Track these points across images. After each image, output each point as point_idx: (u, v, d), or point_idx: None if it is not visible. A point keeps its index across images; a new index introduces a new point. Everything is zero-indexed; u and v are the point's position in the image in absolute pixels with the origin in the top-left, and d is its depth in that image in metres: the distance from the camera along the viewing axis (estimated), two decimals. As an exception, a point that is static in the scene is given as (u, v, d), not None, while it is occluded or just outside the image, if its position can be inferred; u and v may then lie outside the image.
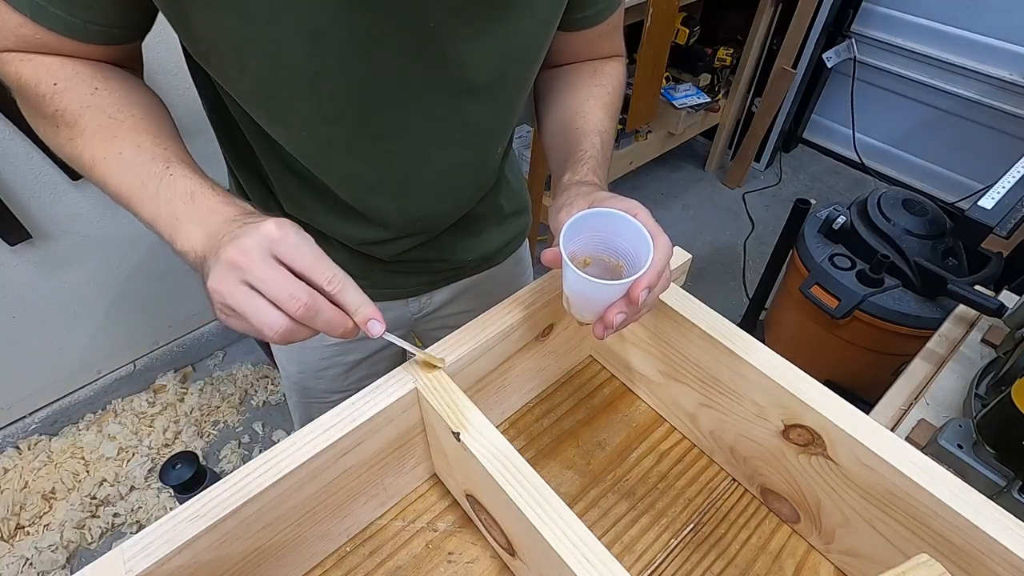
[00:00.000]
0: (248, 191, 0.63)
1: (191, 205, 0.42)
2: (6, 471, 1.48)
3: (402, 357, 0.86)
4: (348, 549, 0.55)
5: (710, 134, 2.52)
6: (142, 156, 0.44)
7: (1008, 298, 0.97)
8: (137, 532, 0.43)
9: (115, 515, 1.42)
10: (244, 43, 0.42)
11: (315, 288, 0.38)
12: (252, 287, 0.36)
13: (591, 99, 0.61)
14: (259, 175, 0.61)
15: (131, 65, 0.51)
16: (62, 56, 0.45)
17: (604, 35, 0.62)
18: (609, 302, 0.44)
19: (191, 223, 0.41)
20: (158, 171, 0.43)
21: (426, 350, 0.51)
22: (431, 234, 0.66)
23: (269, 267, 0.36)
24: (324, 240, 0.64)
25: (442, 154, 0.56)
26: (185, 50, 0.53)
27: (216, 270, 0.36)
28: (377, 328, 0.40)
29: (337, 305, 0.39)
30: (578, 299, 0.47)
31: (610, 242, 0.47)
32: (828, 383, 0.50)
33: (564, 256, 0.44)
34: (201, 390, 1.70)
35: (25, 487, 1.46)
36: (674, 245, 0.63)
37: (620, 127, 2.00)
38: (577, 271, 0.43)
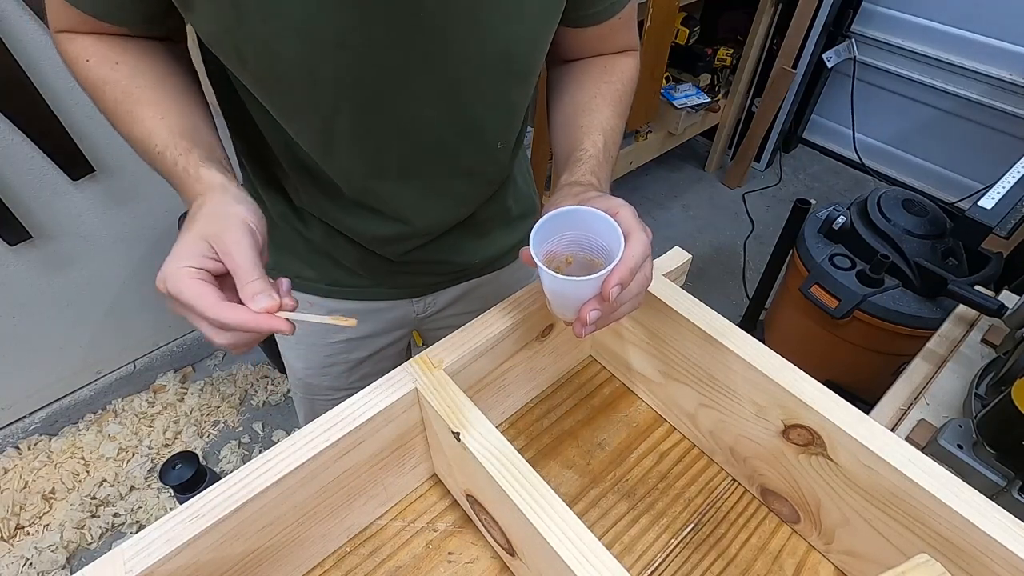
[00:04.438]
0: (259, 184, 0.64)
1: (181, 190, 0.47)
2: (6, 471, 1.48)
3: (406, 356, 0.86)
4: (348, 549, 0.55)
5: (710, 134, 2.52)
6: (145, 133, 0.48)
7: (1008, 298, 0.97)
8: (137, 532, 0.43)
9: (115, 515, 1.42)
10: (241, 39, 0.44)
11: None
12: None
13: (598, 96, 0.60)
14: (270, 169, 0.62)
15: (173, 38, 0.54)
16: (100, 34, 0.50)
17: (616, 30, 0.61)
18: (584, 300, 0.44)
19: (184, 208, 0.47)
20: (156, 150, 0.48)
21: (427, 350, 0.51)
22: (437, 232, 0.66)
23: (186, 315, 0.40)
24: (334, 236, 0.65)
25: (442, 149, 0.56)
26: (200, 44, 0.54)
27: None
28: (285, 332, 0.40)
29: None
30: (554, 297, 0.47)
31: (588, 240, 0.47)
32: (828, 383, 0.50)
33: (533, 255, 0.44)
34: (201, 390, 1.70)
35: (25, 487, 1.46)
36: (674, 245, 0.63)
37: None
38: (545, 269, 0.43)
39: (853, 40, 2.30)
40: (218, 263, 0.41)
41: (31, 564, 1.33)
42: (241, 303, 0.40)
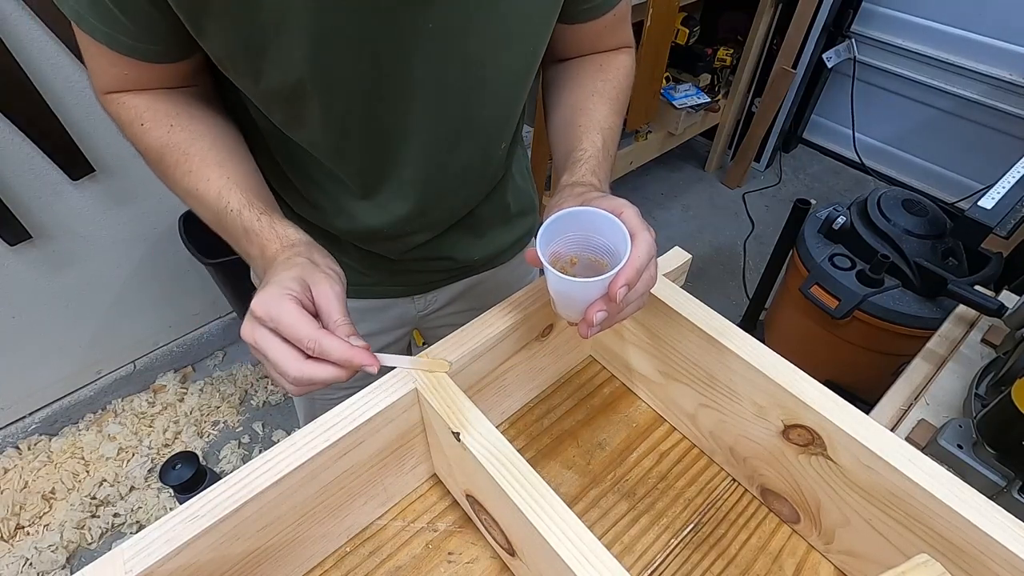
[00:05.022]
0: None
1: (249, 243, 0.49)
2: (6, 471, 1.48)
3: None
4: (348, 549, 0.55)
5: (710, 134, 2.52)
6: (211, 191, 0.50)
7: (1008, 298, 0.97)
8: (137, 532, 0.43)
9: (115, 515, 1.42)
10: (257, 50, 0.44)
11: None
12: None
13: (595, 95, 0.61)
14: (267, 178, 0.62)
15: (202, 80, 0.55)
16: (146, 92, 0.51)
17: (610, 26, 0.61)
18: (590, 300, 0.45)
19: (253, 261, 0.49)
20: (223, 207, 0.49)
21: (427, 349, 0.51)
22: (438, 229, 0.66)
23: (265, 343, 0.40)
24: (335, 242, 0.65)
25: (448, 148, 0.56)
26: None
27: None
28: (372, 371, 0.42)
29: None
30: (560, 298, 0.47)
31: (593, 241, 0.48)
32: (828, 383, 0.50)
33: (540, 256, 0.44)
34: (201, 390, 1.70)
35: (25, 487, 1.46)
36: (674, 245, 0.63)
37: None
38: (552, 270, 0.44)
39: (853, 40, 2.30)
40: (310, 303, 0.42)
41: (31, 564, 1.33)
42: None
